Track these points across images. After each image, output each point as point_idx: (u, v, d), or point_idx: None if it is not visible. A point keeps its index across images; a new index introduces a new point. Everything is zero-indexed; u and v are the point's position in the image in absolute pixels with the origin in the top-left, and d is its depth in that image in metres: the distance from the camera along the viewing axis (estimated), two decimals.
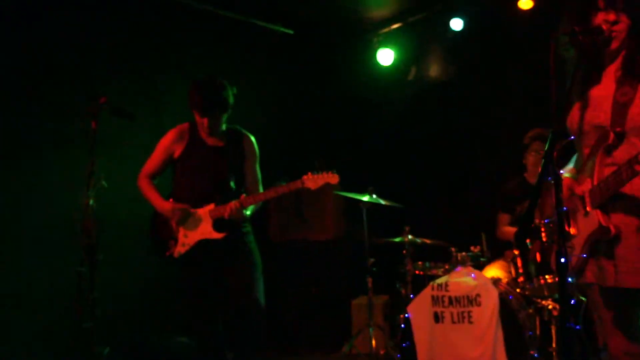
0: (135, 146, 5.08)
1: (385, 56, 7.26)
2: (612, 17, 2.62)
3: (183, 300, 4.41)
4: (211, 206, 4.26)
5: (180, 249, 4.28)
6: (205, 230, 4.25)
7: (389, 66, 7.32)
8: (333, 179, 4.19)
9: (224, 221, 4.23)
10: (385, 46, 7.27)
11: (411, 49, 7.27)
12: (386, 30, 7.32)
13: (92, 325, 3.71)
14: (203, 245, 4.25)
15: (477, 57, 6.65)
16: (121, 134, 5.20)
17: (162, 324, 5.53)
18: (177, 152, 4.41)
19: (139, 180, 4.44)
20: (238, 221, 4.31)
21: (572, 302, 2.45)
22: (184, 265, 4.33)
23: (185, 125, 4.46)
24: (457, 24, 6.66)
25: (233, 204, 4.18)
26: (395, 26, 7.25)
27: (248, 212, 4.33)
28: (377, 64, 7.32)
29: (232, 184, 4.38)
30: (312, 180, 4.18)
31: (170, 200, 4.33)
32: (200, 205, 4.28)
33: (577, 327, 2.29)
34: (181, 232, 4.28)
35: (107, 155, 4.00)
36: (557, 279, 2.69)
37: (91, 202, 3.72)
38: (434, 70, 7.22)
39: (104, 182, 3.78)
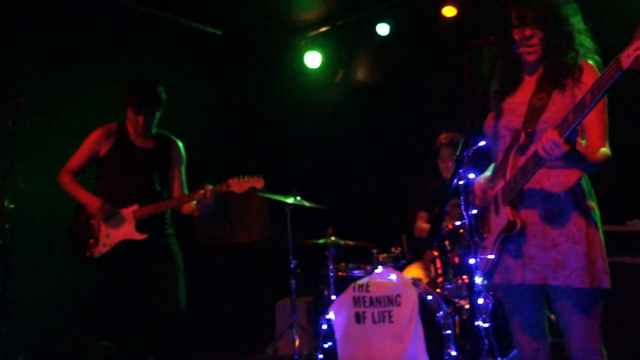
0: (58, 147, 4.95)
1: (313, 59, 7.32)
2: (527, 32, 2.72)
3: (103, 303, 4.34)
4: (135, 207, 4.23)
5: (101, 249, 4.21)
6: (127, 230, 4.21)
7: (316, 69, 7.38)
8: (259, 183, 4.25)
9: (147, 222, 4.21)
10: (313, 49, 7.32)
11: (338, 52, 7.35)
12: (314, 33, 7.36)
13: (7, 331, 3.63)
14: (124, 246, 4.20)
15: (402, 62, 6.78)
16: (43, 134, 5.06)
17: (82, 328, 5.42)
18: (103, 151, 4.35)
19: (61, 176, 4.31)
20: (161, 223, 4.31)
21: (482, 301, 2.54)
22: (104, 267, 4.26)
23: (114, 125, 4.40)
24: (383, 29, 6.77)
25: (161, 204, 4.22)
26: (322, 29, 7.31)
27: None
28: (305, 66, 7.37)
29: (157, 186, 4.36)
30: (238, 184, 4.22)
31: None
32: (124, 205, 4.24)
33: (485, 325, 2.38)
34: (103, 231, 4.21)
35: (26, 156, 3.90)
36: None
37: (7, 203, 3.64)
38: (360, 73, 7.33)
39: (20, 183, 3.69)
